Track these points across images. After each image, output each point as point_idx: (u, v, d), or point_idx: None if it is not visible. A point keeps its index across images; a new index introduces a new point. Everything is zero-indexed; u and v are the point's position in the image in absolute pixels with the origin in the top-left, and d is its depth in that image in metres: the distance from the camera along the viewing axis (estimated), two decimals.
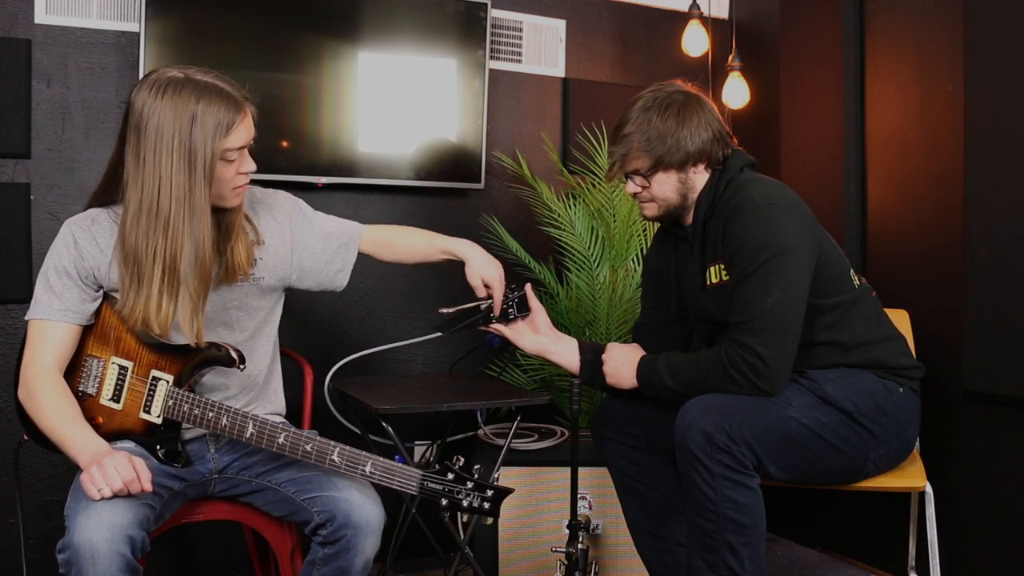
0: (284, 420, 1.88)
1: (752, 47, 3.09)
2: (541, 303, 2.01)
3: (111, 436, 1.64)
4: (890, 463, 1.93)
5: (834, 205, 2.76)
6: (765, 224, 1.78)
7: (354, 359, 2.55)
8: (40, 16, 2.35)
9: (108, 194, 1.70)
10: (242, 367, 1.67)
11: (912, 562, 2.39)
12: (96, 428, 1.62)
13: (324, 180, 2.59)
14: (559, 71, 3.06)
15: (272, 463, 1.74)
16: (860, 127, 2.74)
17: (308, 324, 2.64)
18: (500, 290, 1.93)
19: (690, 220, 1.95)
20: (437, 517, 2.39)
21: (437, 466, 1.61)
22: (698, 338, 2.09)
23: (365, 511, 1.62)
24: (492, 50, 2.85)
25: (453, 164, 2.78)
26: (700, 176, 1.92)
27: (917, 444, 2.09)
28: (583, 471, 2.19)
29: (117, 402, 1.68)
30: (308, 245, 1.85)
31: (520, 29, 2.98)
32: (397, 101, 2.68)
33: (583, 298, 2.80)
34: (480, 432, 2.54)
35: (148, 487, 1.50)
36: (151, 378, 1.67)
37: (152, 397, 1.66)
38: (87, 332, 1.70)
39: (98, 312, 1.70)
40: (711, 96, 2.93)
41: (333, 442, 1.62)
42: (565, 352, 2.00)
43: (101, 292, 1.70)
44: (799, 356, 1.79)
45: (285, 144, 2.56)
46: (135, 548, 1.45)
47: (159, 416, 1.66)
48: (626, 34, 3.17)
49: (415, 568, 2.71)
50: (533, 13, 3.00)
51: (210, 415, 1.63)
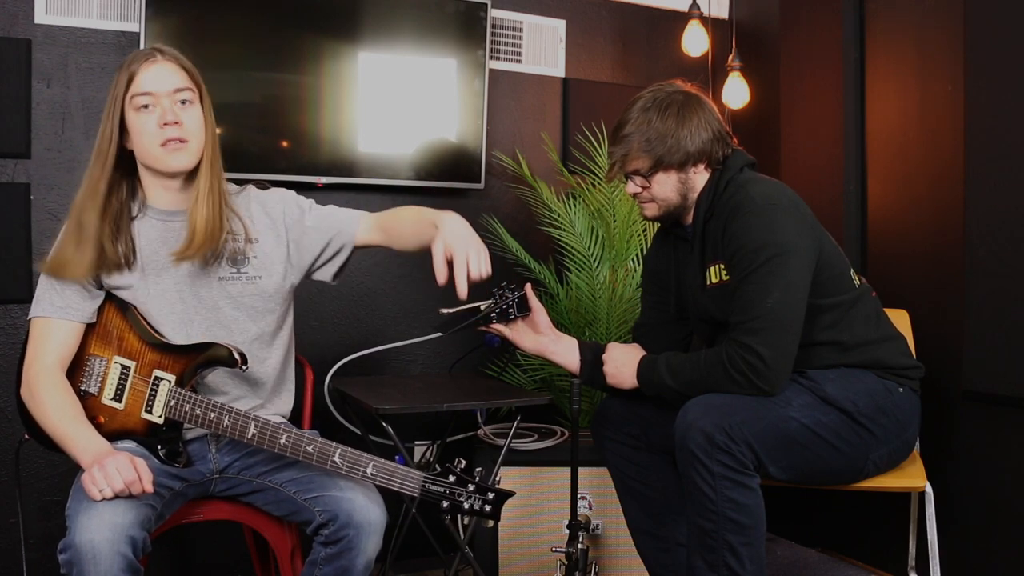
0: (286, 421, 1.88)
1: (752, 47, 3.10)
2: (541, 303, 2.01)
3: (112, 436, 1.64)
4: (890, 463, 1.93)
5: (834, 205, 2.76)
6: (765, 224, 1.78)
7: (354, 359, 2.55)
8: (40, 16, 2.35)
9: None
10: (244, 368, 1.67)
11: (912, 562, 2.39)
12: (98, 428, 1.62)
13: (324, 180, 2.59)
14: (559, 71, 3.06)
15: (273, 463, 1.74)
16: (860, 127, 2.74)
17: (308, 324, 2.64)
18: (462, 270, 1.62)
19: (690, 220, 1.95)
20: (437, 517, 2.39)
21: (438, 468, 1.61)
22: (698, 338, 2.09)
23: (367, 511, 1.62)
24: (492, 50, 2.85)
25: (453, 164, 2.78)
26: (700, 176, 1.92)
27: (917, 444, 2.09)
28: (583, 471, 2.19)
29: (119, 402, 1.68)
30: (304, 241, 1.82)
31: (520, 29, 2.98)
32: (397, 101, 2.68)
33: (583, 298, 2.80)
34: (480, 432, 2.54)
35: (149, 488, 1.50)
36: (153, 378, 1.67)
37: (154, 397, 1.66)
38: (89, 331, 1.70)
39: (100, 311, 1.71)
40: (711, 96, 2.93)
41: (334, 444, 1.62)
42: (565, 352, 2.00)
43: (103, 291, 1.70)
44: (799, 356, 1.79)
45: (285, 144, 2.56)
46: (136, 548, 1.44)
47: (161, 416, 1.65)
48: (626, 34, 3.17)
49: (415, 568, 2.71)
50: (533, 13, 3.00)
51: (212, 415, 1.63)
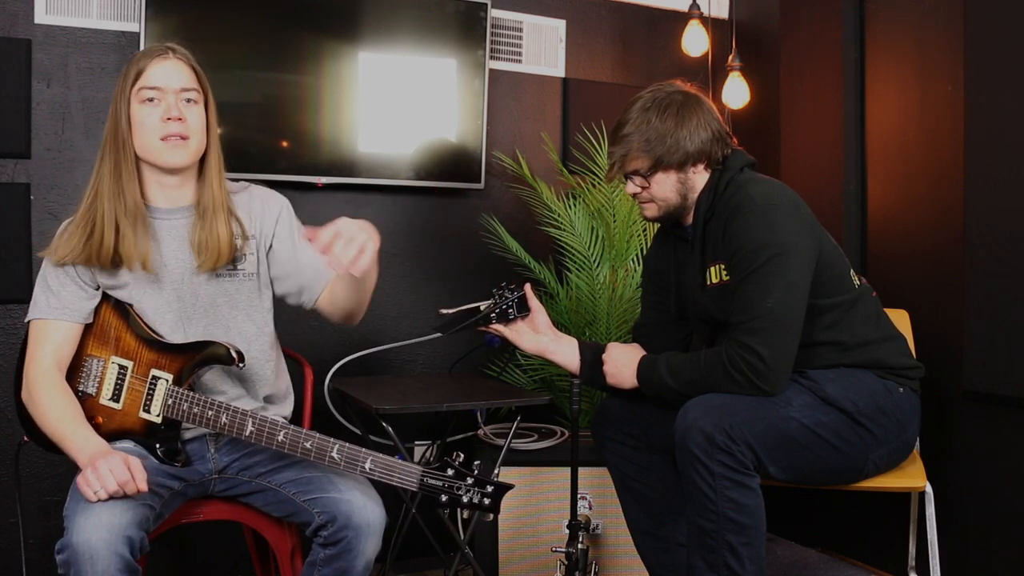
0: (284, 419, 1.88)
1: (752, 47, 3.09)
2: (541, 303, 2.01)
3: (111, 436, 1.64)
4: (890, 463, 1.93)
5: (834, 205, 2.75)
6: (765, 224, 1.78)
7: (354, 359, 2.55)
8: (40, 16, 2.35)
9: None
10: (241, 365, 1.67)
11: (912, 562, 2.39)
12: (96, 428, 1.62)
13: (324, 180, 2.59)
14: (559, 71, 3.06)
15: (273, 464, 1.74)
16: (860, 127, 2.74)
17: (308, 324, 2.64)
18: (345, 245, 1.49)
19: (690, 220, 1.95)
20: (437, 517, 2.39)
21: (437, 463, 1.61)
22: (698, 338, 2.09)
23: (366, 512, 1.62)
24: (492, 50, 2.85)
25: (453, 164, 2.78)
26: (700, 176, 1.91)
27: (917, 444, 2.09)
28: (583, 471, 2.19)
29: (117, 401, 1.68)
30: (286, 249, 1.81)
31: (520, 29, 2.97)
32: (397, 101, 2.68)
33: (583, 298, 2.80)
34: (480, 432, 2.54)
35: (143, 487, 1.49)
36: (151, 377, 1.67)
37: (152, 396, 1.66)
38: (86, 332, 1.70)
39: (97, 311, 1.71)
40: (711, 96, 2.93)
41: (332, 439, 1.62)
42: (565, 352, 2.00)
43: (99, 291, 1.70)
44: (799, 356, 1.79)
45: (285, 144, 2.56)
46: (134, 548, 1.44)
47: (159, 415, 1.65)
48: (626, 34, 3.17)
49: (415, 568, 2.71)
50: (533, 13, 3.00)
51: (209, 413, 1.63)
